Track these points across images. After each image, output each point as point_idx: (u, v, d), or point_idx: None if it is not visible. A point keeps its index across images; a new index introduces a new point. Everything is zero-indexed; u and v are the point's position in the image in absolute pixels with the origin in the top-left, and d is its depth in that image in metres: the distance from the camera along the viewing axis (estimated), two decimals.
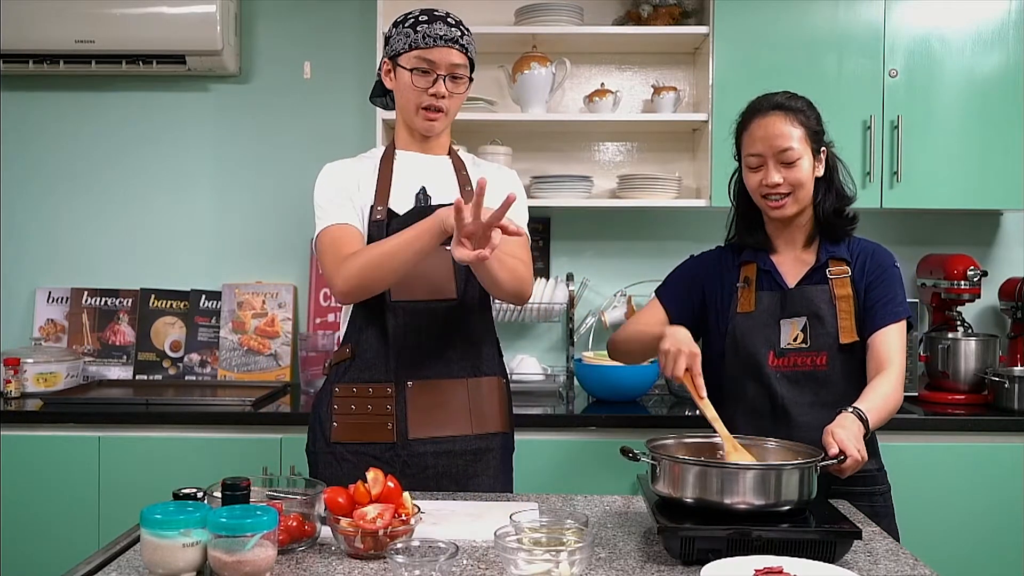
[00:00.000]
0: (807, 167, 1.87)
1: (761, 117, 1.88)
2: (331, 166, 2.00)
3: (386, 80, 1.95)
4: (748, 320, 1.89)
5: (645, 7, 3.03)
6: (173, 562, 1.31)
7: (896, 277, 1.91)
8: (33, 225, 3.28)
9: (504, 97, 3.13)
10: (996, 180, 2.86)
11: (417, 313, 1.90)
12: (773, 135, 1.85)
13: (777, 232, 1.96)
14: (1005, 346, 3.06)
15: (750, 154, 1.89)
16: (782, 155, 1.85)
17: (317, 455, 1.96)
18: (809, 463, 1.51)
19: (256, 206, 3.26)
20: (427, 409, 1.91)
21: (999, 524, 2.61)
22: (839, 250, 1.92)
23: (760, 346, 1.86)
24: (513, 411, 2.06)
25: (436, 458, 1.90)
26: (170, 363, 3.21)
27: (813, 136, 1.88)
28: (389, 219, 1.90)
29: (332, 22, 3.24)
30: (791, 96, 1.91)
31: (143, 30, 3.00)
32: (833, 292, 1.89)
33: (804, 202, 1.89)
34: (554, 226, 3.27)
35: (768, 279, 1.93)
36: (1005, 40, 2.84)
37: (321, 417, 1.96)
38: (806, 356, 1.87)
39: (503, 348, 2.91)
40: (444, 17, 1.89)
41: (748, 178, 1.92)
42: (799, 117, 1.87)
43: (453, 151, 2.04)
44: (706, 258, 2.05)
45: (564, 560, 1.29)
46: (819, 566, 1.35)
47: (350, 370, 1.94)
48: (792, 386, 1.86)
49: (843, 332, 1.86)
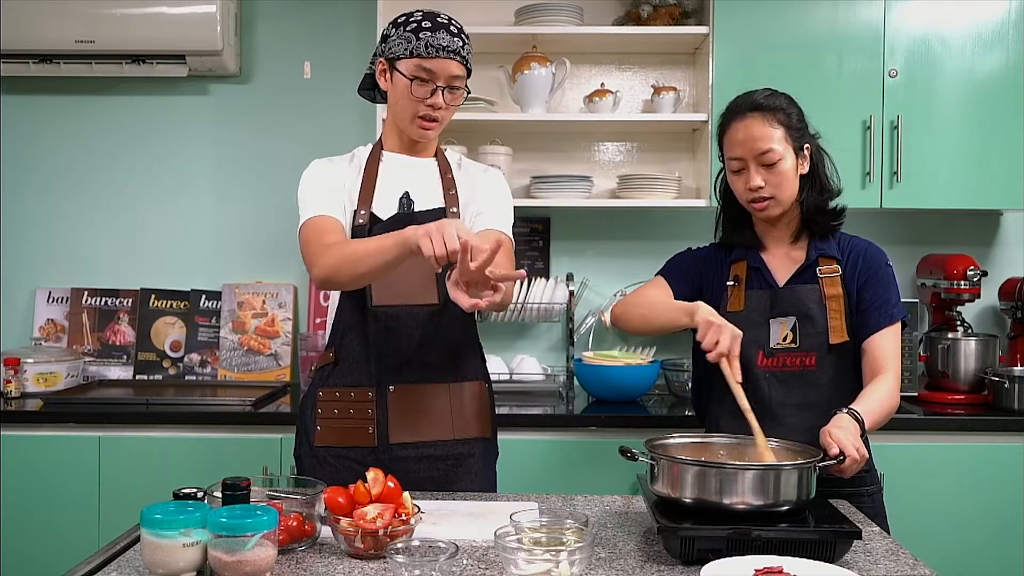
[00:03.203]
0: (789, 167, 1.85)
1: (740, 119, 1.86)
2: (318, 163, 1.99)
3: (380, 80, 1.93)
4: (737, 319, 1.87)
5: (645, 7, 3.03)
6: (173, 562, 1.31)
7: (889, 277, 1.90)
8: (33, 225, 3.28)
9: (504, 97, 3.13)
10: (996, 180, 2.86)
11: (399, 318, 1.88)
12: (752, 138, 1.84)
13: (765, 230, 1.96)
14: (1005, 346, 3.06)
15: (731, 157, 1.88)
16: (762, 157, 1.83)
17: (302, 459, 1.96)
18: (808, 463, 1.51)
19: (256, 206, 3.26)
20: (408, 413, 1.90)
21: (999, 524, 2.62)
22: (829, 248, 1.91)
23: (749, 345, 1.83)
24: (496, 416, 2.04)
25: (417, 462, 1.89)
26: (170, 363, 3.21)
27: (795, 134, 1.86)
28: (371, 224, 1.90)
29: (332, 22, 3.25)
30: (770, 94, 1.89)
31: (143, 30, 3.00)
32: (823, 292, 1.88)
33: (788, 202, 1.88)
34: (554, 226, 3.27)
35: (758, 277, 1.92)
36: (1005, 40, 2.84)
37: (306, 421, 1.96)
38: (795, 356, 1.87)
39: (503, 348, 2.91)
40: (447, 25, 1.86)
41: (732, 181, 1.91)
42: (778, 116, 1.85)
43: (440, 151, 2.02)
44: (702, 253, 2.05)
45: (564, 560, 1.29)
46: (819, 566, 1.35)
47: (333, 374, 1.94)
48: (780, 386, 1.86)
49: (833, 332, 1.85)
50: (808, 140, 1.90)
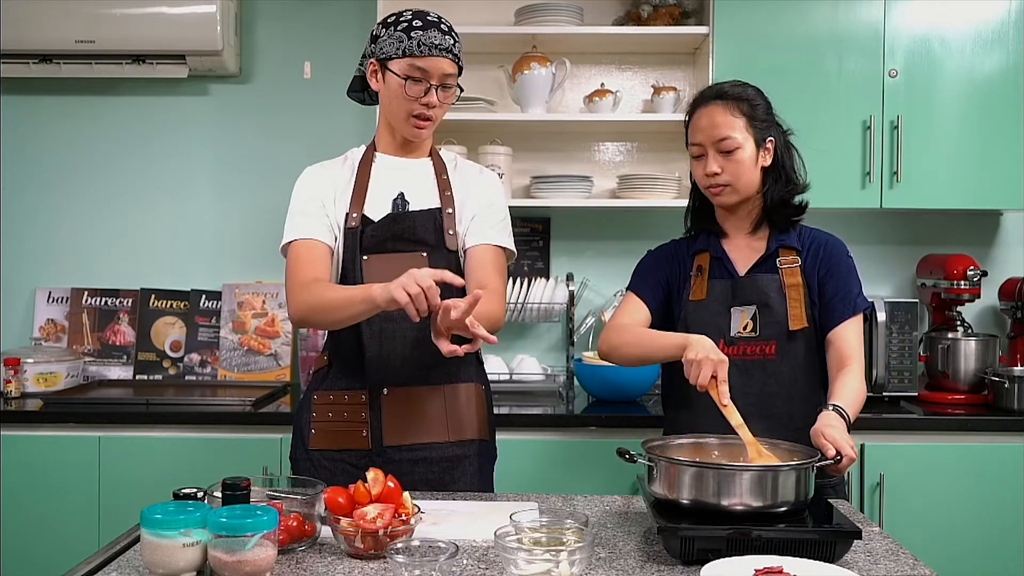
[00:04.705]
0: (747, 156, 1.87)
1: (703, 107, 1.91)
2: (310, 171, 1.99)
3: (371, 80, 1.92)
4: (699, 308, 1.90)
5: (645, 7, 3.03)
6: (173, 562, 1.31)
7: (850, 268, 1.93)
8: (33, 225, 3.28)
9: (504, 97, 3.13)
10: (996, 180, 2.86)
11: (393, 320, 1.87)
12: (711, 125, 1.88)
13: (724, 217, 1.98)
14: (1005, 346, 3.06)
15: (692, 143, 1.92)
16: (720, 144, 1.87)
17: (298, 461, 1.96)
18: (806, 464, 1.51)
19: (256, 206, 3.26)
20: (402, 416, 1.89)
21: (999, 524, 2.61)
22: (789, 239, 1.93)
23: (710, 334, 1.82)
24: (494, 418, 2.04)
25: (412, 465, 1.88)
26: (170, 363, 3.21)
27: (758, 125, 1.89)
28: (363, 225, 1.89)
29: (332, 22, 3.25)
30: (736, 84, 1.93)
31: (143, 30, 3.00)
32: (783, 281, 1.90)
33: (746, 191, 1.90)
34: (554, 226, 3.27)
35: (719, 267, 1.95)
36: (1005, 40, 2.84)
37: (301, 424, 1.97)
38: (755, 345, 1.89)
39: (503, 348, 2.91)
40: (437, 23, 1.86)
41: (693, 167, 1.95)
42: (740, 106, 1.88)
43: (434, 151, 2.02)
44: (664, 250, 2.07)
45: (564, 560, 1.29)
46: (819, 566, 1.35)
47: (328, 377, 1.94)
48: (741, 375, 1.86)
49: (792, 319, 1.88)
50: (773, 133, 1.92)
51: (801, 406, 1.87)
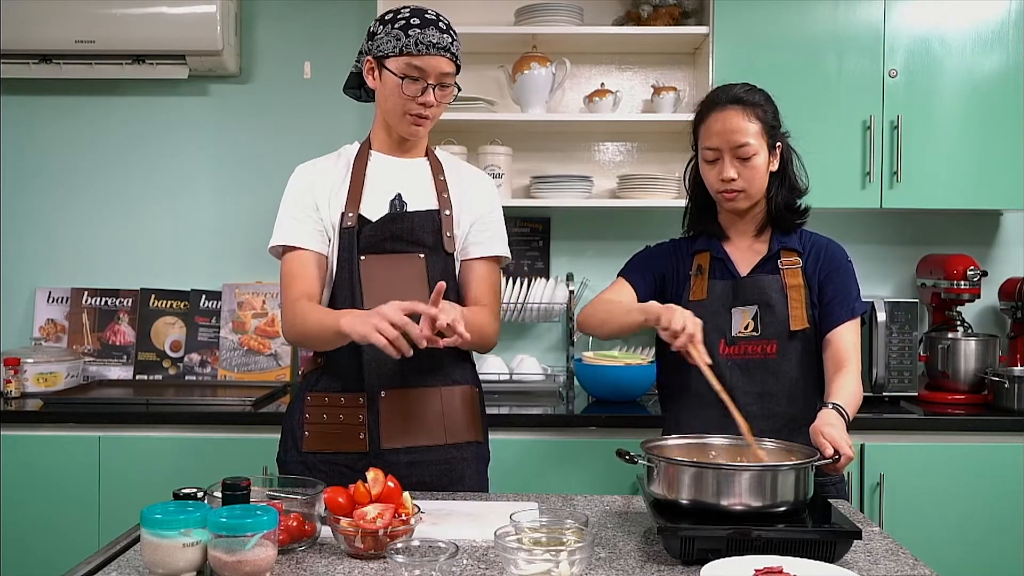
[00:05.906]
0: (762, 162, 1.88)
1: (719, 111, 1.89)
2: (303, 170, 1.97)
3: (368, 78, 1.90)
4: (700, 308, 1.88)
5: (645, 7, 3.03)
6: (173, 562, 1.31)
7: (850, 272, 1.93)
8: (33, 225, 3.28)
9: (504, 97, 3.13)
10: (996, 180, 2.86)
11: None
12: (730, 130, 1.86)
13: (730, 221, 1.98)
14: (1005, 346, 3.06)
15: (706, 147, 1.90)
16: (738, 150, 1.86)
17: (288, 464, 1.94)
18: (805, 463, 1.51)
19: (256, 206, 3.26)
20: (400, 419, 1.88)
21: (999, 524, 2.62)
22: (791, 241, 1.94)
23: (711, 334, 1.83)
24: (488, 420, 2.04)
25: (409, 468, 1.87)
26: (170, 363, 3.21)
27: (769, 131, 1.89)
28: (360, 225, 1.88)
29: (332, 22, 3.25)
30: (750, 89, 1.92)
31: (143, 30, 3.00)
32: (784, 282, 1.90)
33: (757, 196, 1.91)
34: (554, 226, 3.27)
35: (721, 267, 1.95)
36: (1005, 40, 2.84)
37: (293, 426, 1.95)
38: (756, 344, 1.89)
39: (503, 348, 2.91)
40: (436, 21, 1.84)
41: (704, 171, 1.93)
42: (756, 112, 1.87)
43: (431, 151, 2.00)
44: (662, 248, 2.07)
45: (564, 560, 1.29)
46: (819, 566, 1.35)
47: (322, 379, 1.93)
48: (742, 375, 1.87)
49: (794, 319, 1.88)
50: (780, 138, 1.93)
51: (802, 405, 1.87)
